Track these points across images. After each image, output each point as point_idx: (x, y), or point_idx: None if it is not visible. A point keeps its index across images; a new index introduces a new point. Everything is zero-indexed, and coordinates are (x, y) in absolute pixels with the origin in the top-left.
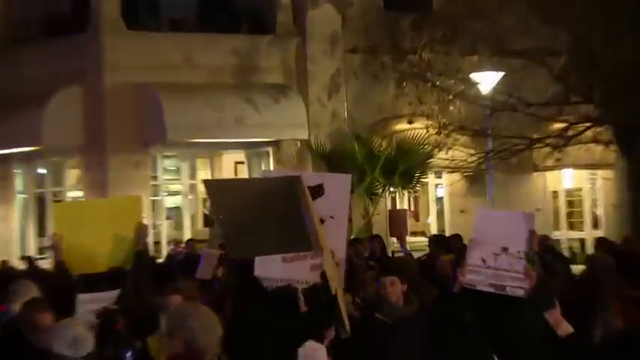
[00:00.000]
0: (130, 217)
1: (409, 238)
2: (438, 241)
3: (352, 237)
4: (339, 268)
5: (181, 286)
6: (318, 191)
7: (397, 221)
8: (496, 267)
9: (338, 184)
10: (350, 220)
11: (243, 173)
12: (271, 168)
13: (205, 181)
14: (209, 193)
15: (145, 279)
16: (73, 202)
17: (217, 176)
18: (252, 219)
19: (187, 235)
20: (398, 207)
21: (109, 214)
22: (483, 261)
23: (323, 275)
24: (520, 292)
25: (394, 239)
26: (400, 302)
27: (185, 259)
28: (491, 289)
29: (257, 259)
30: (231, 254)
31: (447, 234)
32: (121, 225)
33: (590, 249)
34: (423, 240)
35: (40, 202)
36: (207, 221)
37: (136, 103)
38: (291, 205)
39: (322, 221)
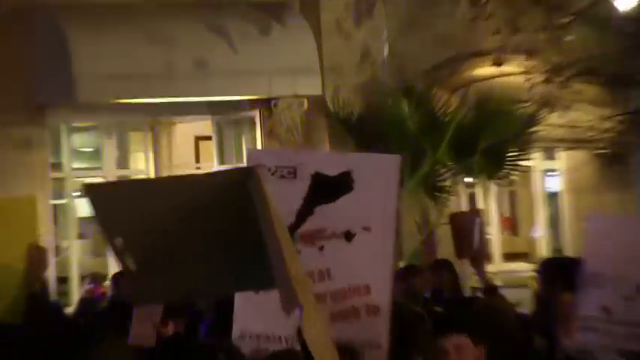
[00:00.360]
0: (16, 235)
1: (501, 266)
2: (552, 269)
3: (401, 265)
4: (380, 317)
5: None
6: (340, 185)
7: (462, 232)
8: (629, 320)
9: (377, 173)
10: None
11: (210, 156)
12: (259, 145)
13: (87, 187)
14: (94, 206)
15: (44, 342)
16: None
17: (165, 161)
18: (172, 243)
19: (114, 264)
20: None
21: None
22: (606, 310)
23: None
24: None
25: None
26: None
27: (110, 307)
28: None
29: (238, 305)
30: (136, 300)
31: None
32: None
33: None
34: (524, 267)
35: None
36: None
37: (24, 37)
38: (240, 217)
39: (350, 236)
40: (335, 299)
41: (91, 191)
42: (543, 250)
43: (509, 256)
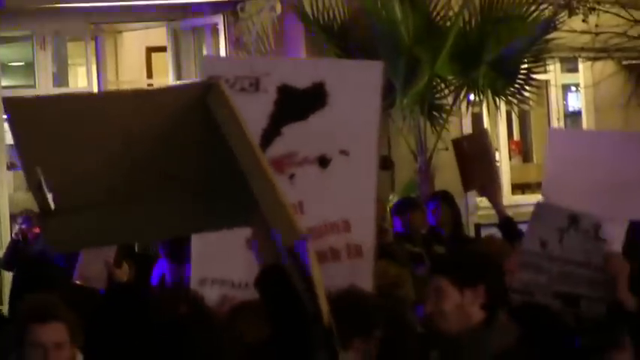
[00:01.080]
0: None
1: (510, 198)
2: None
3: (393, 197)
4: (363, 258)
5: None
6: (311, 99)
7: (471, 158)
8: (562, 257)
9: (355, 84)
10: (387, 163)
11: (164, 71)
12: (222, 52)
13: (7, 102)
14: (14, 126)
15: None
16: None
17: (111, 76)
18: (110, 176)
19: (53, 200)
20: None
21: None
22: (543, 245)
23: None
24: (597, 310)
25: (478, 199)
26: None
27: (42, 252)
28: (555, 302)
29: (197, 248)
30: (54, 244)
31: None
32: None
33: None
34: (537, 199)
35: None
36: None
37: None
38: (200, 142)
39: (325, 161)
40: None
41: (11, 107)
42: None
43: (520, 187)
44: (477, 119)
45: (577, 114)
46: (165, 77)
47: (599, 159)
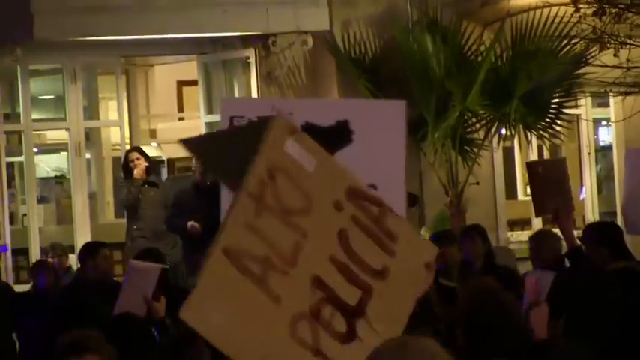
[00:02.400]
0: None
1: None
2: (598, 235)
3: (424, 232)
4: None
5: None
6: (336, 137)
7: (546, 183)
8: None
9: (380, 121)
10: (413, 200)
11: (195, 104)
12: (253, 90)
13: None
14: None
15: None
16: None
17: (142, 110)
18: None
19: (82, 233)
20: (518, 168)
21: None
22: None
23: None
24: None
25: (509, 233)
26: None
27: (76, 285)
28: None
29: None
30: None
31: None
32: None
33: None
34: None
35: None
36: (130, 204)
37: None
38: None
39: None
40: None
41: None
42: (590, 214)
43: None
44: (508, 153)
45: (608, 148)
46: (197, 111)
47: None
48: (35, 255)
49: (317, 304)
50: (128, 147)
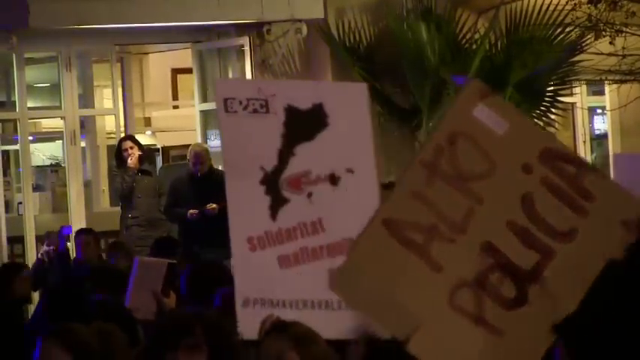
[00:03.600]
0: None
1: None
2: None
3: None
4: None
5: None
6: (313, 120)
7: None
8: None
9: (347, 105)
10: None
11: (190, 92)
12: (247, 74)
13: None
14: None
15: None
16: None
17: (137, 98)
18: None
19: (77, 221)
20: None
21: None
22: None
23: None
24: None
25: None
26: None
27: (68, 272)
28: None
29: (238, 269)
30: None
31: None
32: None
33: None
34: None
35: None
36: (124, 193)
37: None
38: None
39: (335, 179)
40: (332, 254)
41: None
42: None
43: None
44: None
45: (603, 137)
46: (191, 99)
47: None
48: (30, 243)
49: (485, 270)
50: (123, 135)
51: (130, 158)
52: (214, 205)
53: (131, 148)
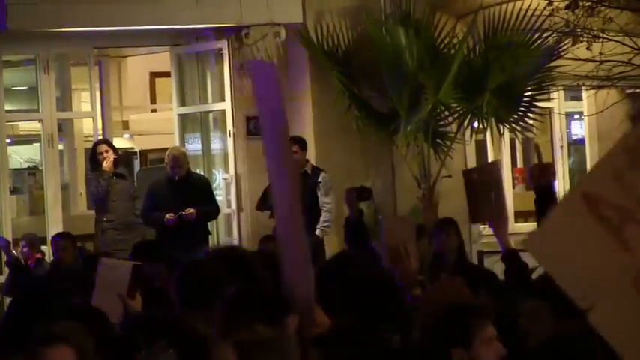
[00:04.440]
0: None
1: (512, 226)
2: None
3: None
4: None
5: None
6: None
7: (482, 189)
8: None
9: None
10: (365, 194)
11: (167, 95)
12: (226, 82)
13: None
14: None
15: None
16: None
17: (115, 102)
18: None
19: (54, 224)
20: (490, 160)
21: None
22: None
23: None
24: None
25: (482, 226)
26: None
27: (45, 275)
28: None
29: None
30: None
31: None
32: None
33: None
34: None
35: None
36: (100, 197)
37: None
38: None
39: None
40: None
41: None
42: None
43: (523, 215)
44: (480, 147)
45: (580, 142)
46: (169, 102)
47: None
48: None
49: None
50: (101, 138)
51: (105, 162)
52: (192, 210)
53: (106, 151)
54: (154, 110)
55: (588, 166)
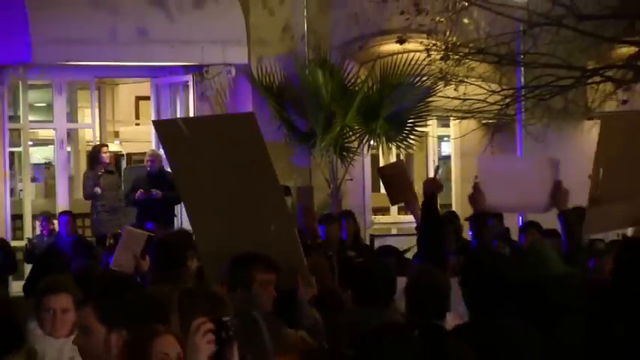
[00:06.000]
0: None
1: (397, 217)
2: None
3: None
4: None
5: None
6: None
7: (397, 180)
8: None
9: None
10: (287, 191)
11: (148, 114)
12: (190, 107)
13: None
14: (163, 144)
15: None
16: None
17: (109, 116)
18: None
19: (63, 206)
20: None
21: None
22: None
23: None
24: None
25: (373, 216)
26: None
27: (54, 243)
28: None
29: None
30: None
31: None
32: None
33: None
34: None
35: None
36: (89, 195)
37: None
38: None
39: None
40: None
41: (156, 127)
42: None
43: (404, 208)
44: (375, 158)
45: (448, 158)
46: (149, 119)
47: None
48: (27, 220)
49: None
50: (98, 143)
51: (107, 158)
52: (158, 191)
53: (108, 152)
54: (137, 124)
55: (453, 175)
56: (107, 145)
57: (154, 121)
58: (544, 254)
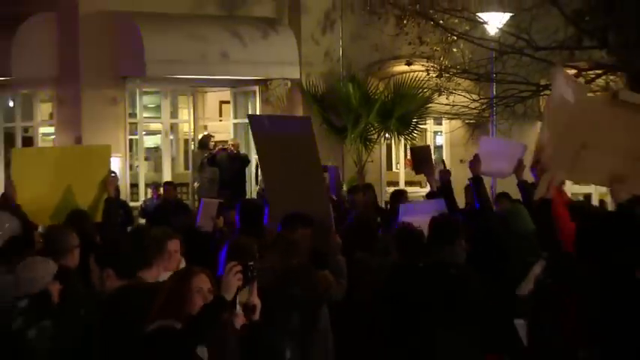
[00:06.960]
0: (94, 169)
1: (407, 189)
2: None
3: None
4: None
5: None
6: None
7: (423, 157)
8: None
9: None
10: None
11: (228, 113)
12: (257, 109)
13: (249, 116)
14: (252, 131)
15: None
16: (33, 149)
17: (200, 115)
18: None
19: (167, 178)
20: (393, 154)
21: (71, 163)
22: None
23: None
24: None
25: (387, 188)
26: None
27: (161, 204)
28: None
29: None
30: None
31: None
32: (82, 176)
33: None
34: (420, 191)
35: (9, 137)
36: (195, 164)
37: (112, 32)
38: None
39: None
40: None
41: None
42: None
43: (410, 183)
44: (389, 147)
45: (441, 147)
46: (228, 117)
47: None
48: (141, 187)
49: None
50: (200, 137)
51: (211, 145)
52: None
53: (214, 141)
54: (220, 120)
55: (445, 159)
56: (214, 136)
57: (248, 115)
58: (524, 213)
